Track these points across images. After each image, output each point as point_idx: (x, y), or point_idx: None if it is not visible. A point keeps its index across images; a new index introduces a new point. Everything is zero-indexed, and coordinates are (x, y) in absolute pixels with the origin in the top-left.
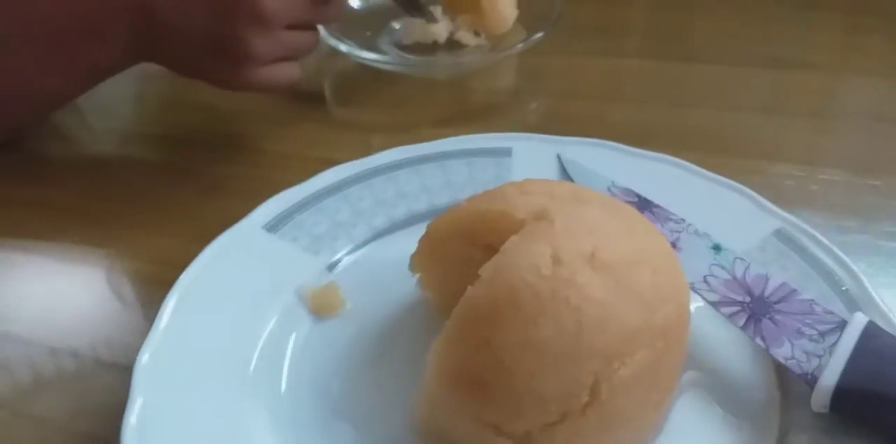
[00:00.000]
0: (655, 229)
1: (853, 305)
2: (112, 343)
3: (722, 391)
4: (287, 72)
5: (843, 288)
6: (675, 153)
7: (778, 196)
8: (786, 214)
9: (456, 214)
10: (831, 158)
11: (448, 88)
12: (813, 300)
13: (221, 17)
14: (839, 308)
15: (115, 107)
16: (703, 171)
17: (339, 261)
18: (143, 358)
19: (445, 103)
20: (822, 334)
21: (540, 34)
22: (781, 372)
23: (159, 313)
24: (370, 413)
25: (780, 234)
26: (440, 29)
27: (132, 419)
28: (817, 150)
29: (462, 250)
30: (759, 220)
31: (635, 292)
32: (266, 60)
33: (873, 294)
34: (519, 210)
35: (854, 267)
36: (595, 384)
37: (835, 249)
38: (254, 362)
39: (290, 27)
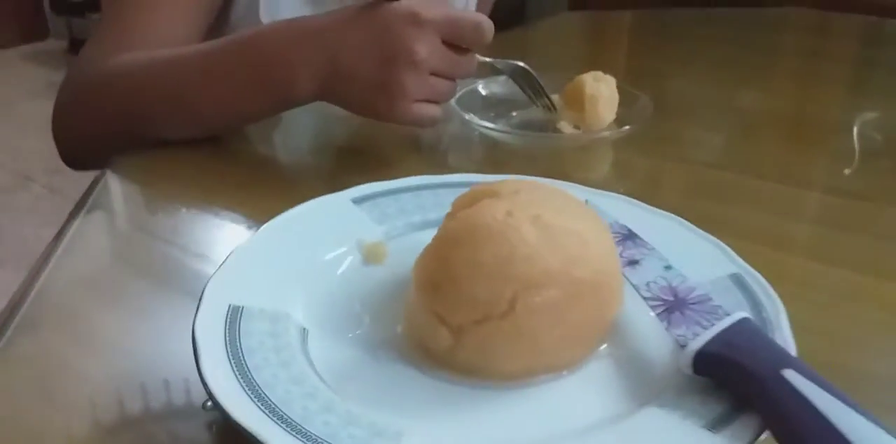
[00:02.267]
0: (608, 233)
1: (764, 325)
2: None
3: (630, 361)
4: (431, 110)
5: (763, 314)
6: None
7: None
8: (747, 265)
9: (469, 191)
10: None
11: (544, 159)
12: (720, 306)
13: (386, 62)
14: None
15: (296, 129)
16: (695, 228)
17: (394, 233)
18: (235, 252)
19: (540, 170)
20: (712, 324)
21: (627, 127)
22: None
23: (262, 227)
24: (377, 323)
25: (734, 277)
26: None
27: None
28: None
29: None
30: (721, 264)
31: (562, 249)
32: (415, 98)
33: (784, 322)
34: (505, 188)
35: (781, 305)
36: (513, 299)
37: (772, 291)
38: (313, 276)
39: (435, 74)
